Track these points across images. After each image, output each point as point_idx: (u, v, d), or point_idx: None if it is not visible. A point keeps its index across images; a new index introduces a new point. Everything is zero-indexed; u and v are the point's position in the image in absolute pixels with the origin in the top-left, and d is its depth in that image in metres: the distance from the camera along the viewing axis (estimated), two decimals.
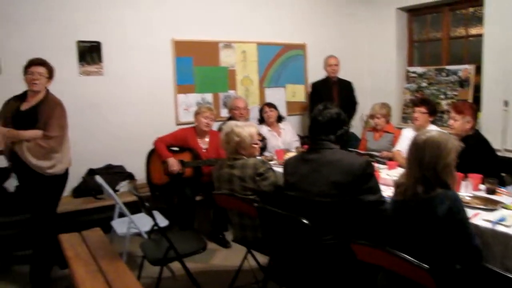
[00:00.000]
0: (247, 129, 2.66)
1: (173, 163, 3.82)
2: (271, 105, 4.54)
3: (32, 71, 2.93)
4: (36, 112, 2.91)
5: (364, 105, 5.41)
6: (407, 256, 1.66)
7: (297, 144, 4.51)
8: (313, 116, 2.26)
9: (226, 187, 2.65)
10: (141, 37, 4.42)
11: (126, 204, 3.39)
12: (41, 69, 2.95)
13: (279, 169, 2.92)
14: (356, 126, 5.47)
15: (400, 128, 4.22)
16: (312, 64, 5.45)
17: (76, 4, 4.13)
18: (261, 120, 4.62)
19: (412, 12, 5.44)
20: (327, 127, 2.19)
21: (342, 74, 5.14)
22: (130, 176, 4.35)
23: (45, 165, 2.94)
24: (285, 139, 4.52)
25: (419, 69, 5.21)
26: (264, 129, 4.48)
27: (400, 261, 1.67)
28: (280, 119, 4.58)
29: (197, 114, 3.97)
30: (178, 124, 4.63)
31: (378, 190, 2.14)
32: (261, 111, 4.60)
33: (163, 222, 3.31)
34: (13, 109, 2.92)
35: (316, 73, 5.30)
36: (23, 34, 3.92)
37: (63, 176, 3.09)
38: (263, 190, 2.54)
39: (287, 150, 4.00)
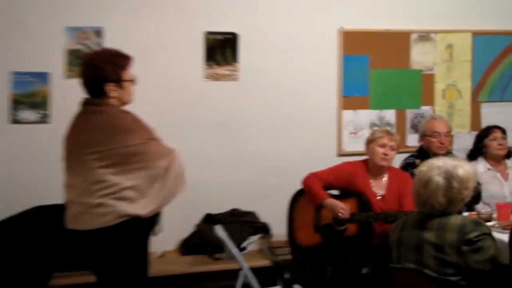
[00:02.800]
0: (471, 169, 2.71)
1: (337, 204, 3.75)
2: (503, 130, 4.30)
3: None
4: None
5: None
6: None
7: None
8: None
9: (411, 259, 2.67)
10: (294, 28, 4.55)
11: (255, 269, 3.40)
12: None
13: (502, 237, 2.92)
14: None
15: None
16: None
17: None
18: (476, 153, 4.34)
19: None
20: None
21: None
22: (263, 229, 4.41)
23: None
24: None
25: None
26: (481, 168, 4.29)
27: None
28: (508, 154, 4.38)
29: (370, 141, 3.92)
30: (341, 155, 4.65)
31: None
32: (482, 137, 4.34)
33: None
34: None
35: None
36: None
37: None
38: (474, 268, 2.51)
39: None
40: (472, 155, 4.38)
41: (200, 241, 4.14)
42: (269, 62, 4.47)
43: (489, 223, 3.33)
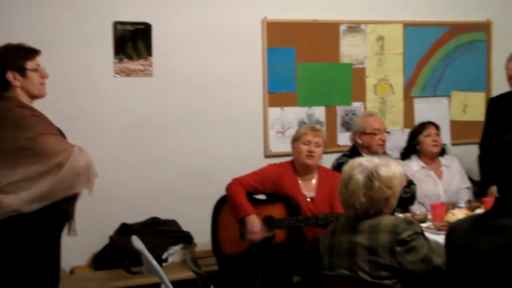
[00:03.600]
0: (398, 171, 2.72)
1: (254, 225, 3.72)
2: (437, 127, 4.50)
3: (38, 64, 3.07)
4: None
5: None
6: None
7: (469, 194, 4.43)
8: (505, 146, 2.15)
9: (344, 265, 2.67)
10: (214, 18, 4.55)
11: (178, 282, 3.44)
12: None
13: (437, 238, 3.03)
14: None
15: None
16: (502, 57, 5.09)
17: None
18: (410, 151, 4.54)
19: None
20: None
21: None
22: (186, 239, 4.39)
23: None
24: (450, 184, 4.43)
25: None
26: (415, 166, 4.43)
27: None
28: (442, 151, 4.52)
29: (294, 140, 3.97)
30: (268, 157, 4.68)
31: None
32: (416, 134, 4.52)
33: None
34: None
35: None
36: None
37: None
38: (408, 269, 2.54)
39: (452, 205, 3.83)
40: (406, 154, 4.51)
41: (115, 254, 4.09)
42: (187, 56, 4.43)
43: (424, 224, 3.42)
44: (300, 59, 4.75)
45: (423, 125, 4.50)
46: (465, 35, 5.24)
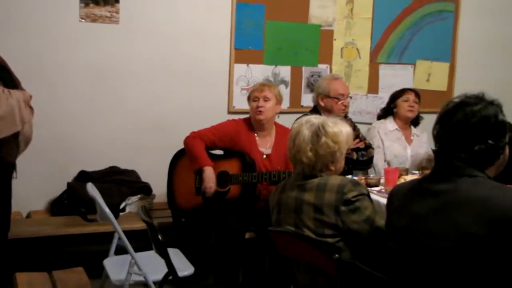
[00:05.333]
0: (345, 129, 2.71)
1: (209, 177, 3.75)
2: (417, 94, 4.57)
3: None
4: None
5: None
6: None
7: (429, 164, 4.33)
8: (443, 113, 2.19)
9: (290, 222, 2.69)
10: None
11: (132, 233, 3.44)
12: None
13: (382, 200, 3.06)
14: None
15: None
16: (468, 28, 5.45)
17: None
18: (388, 113, 4.65)
19: None
20: (470, 137, 2.12)
21: None
22: (144, 190, 4.38)
23: None
24: (417, 152, 4.55)
25: None
26: (390, 126, 4.55)
27: None
28: (416, 120, 4.64)
29: (248, 98, 4.03)
30: (231, 113, 4.71)
31: None
32: (396, 97, 4.61)
33: (186, 269, 3.31)
34: None
35: (474, 43, 5.40)
36: None
37: None
38: (351, 228, 2.56)
39: (406, 171, 3.94)
40: (383, 115, 4.60)
41: (72, 201, 4.07)
42: (155, 7, 4.39)
43: (376, 188, 3.51)
44: (269, 17, 4.72)
45: (404, 90, 4.56)
46: (434, 4, 5.27)
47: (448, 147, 2.14)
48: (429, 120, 5.19)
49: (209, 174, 3.81)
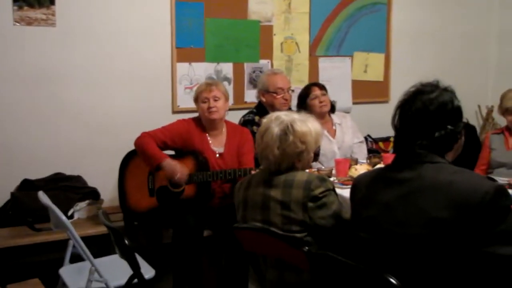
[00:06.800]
0: (313, 126, 2.74)
1: (174, 166, 3.79)
2: (321, 86, 4.54)
3: None
4: None
5: (484, 91, 5.69)
6: None
7: (362, 147, 4.63)
8: (402, 103, 2.22)
9: (257, 218, 2.70)
10: None
11: (85, 239, 3.41)
12: None
13: (342, 192, 3.10)
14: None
15: None
16: (400, 20, 5.55)
17: None
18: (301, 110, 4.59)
19: None
20: (430, 124, 2.17)
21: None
22: (93, 194, 4.34)
23: None
24: (343, 141, 4.56)
25: None
26: None
27: None
28: (332, 109, 4.58)
29: (195, 100, 4.04)
30: (176, 112, 4.70)
31: None
32: (304, 97, 4.53)
33: (147, 272, 3.33)
34: None
35: (404, 34, 5.51)
36: None
37: None
38: (318, 224, 2.59)
39: (355, 161, 4.01)
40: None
41: (17, 211, 3.99)
42: (92, 6, 4.33)
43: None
44: (209, 14, 4.73)
45: (308, 88, 4.56)
46: None
47: (409, 135, 2.17)
48: (369, 109, 5.40)
49: (172, 164, 3.79)
